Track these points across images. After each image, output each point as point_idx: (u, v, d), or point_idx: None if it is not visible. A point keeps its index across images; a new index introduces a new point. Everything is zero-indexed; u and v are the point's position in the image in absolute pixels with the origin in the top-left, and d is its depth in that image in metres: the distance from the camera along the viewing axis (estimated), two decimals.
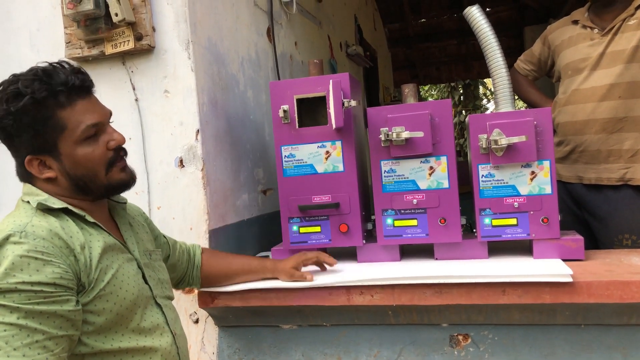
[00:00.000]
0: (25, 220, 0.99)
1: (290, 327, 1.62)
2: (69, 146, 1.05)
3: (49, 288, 0.93)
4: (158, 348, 1.10)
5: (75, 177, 1.06)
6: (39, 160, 1.05)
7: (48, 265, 0.94)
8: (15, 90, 1.01)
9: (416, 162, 1.60)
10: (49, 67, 1.05)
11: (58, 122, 1.03)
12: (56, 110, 1.03)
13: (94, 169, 1.08)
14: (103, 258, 1.05)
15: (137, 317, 1.08)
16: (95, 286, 1.01)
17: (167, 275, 1.28)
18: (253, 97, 2.09)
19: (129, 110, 1.71)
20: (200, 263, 1.47)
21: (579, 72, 1.94)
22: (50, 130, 1.03)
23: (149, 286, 1.15)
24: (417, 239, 1.61)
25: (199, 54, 1.69)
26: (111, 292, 1.03)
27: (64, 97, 1.03)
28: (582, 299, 1.33)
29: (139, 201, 1.68)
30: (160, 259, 1.28)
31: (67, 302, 0.95)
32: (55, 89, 1.02)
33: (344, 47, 3.88)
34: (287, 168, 1.67)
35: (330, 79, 1.57)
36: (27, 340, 0.89)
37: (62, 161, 1.05)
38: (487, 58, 1.63)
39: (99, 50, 1.68)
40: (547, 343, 1.44)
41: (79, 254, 1.00)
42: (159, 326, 1.13)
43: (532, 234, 1.54)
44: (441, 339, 1.51)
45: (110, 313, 1.02)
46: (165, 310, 1.17)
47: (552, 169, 1.53)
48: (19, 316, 0.90)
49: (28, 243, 0.94)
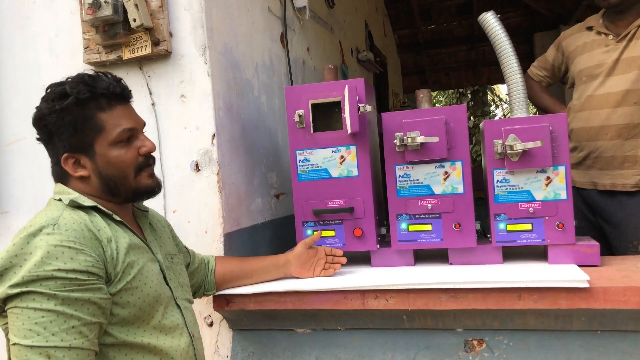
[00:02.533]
0: (57, 214, 1.04)
1: (305, 330, 1.63)
2: (104, 147, 1.11)
3: (83, 276, 0.97)
4: (177, 348, 1.12)
5: (106, 176, 1.12)
6: (74, 159, 1.11)
7: (81, 254, 0.98)
8: (61, 90, 1.09)
9: (431, 167, 1.60)
10: (94, 74, 1.13)
11: (97, 123, 1.10)
12: (96, 112, 1.10)
13: (124, 170, 1.13)
14: (129, 253, 1.09)
15: (159, 315, 1.11)
16: (121, 279, 1.05)
17: (188, 279, 1.31)
18: (267, 102, 2.10)
19: (146, 115, 1.72)
20: (214, 268, 1.50)
21: (594, 78, 1.94)
22: (89, 130, 1.10)
23: (169, 287, 1.18)
24: (432, 244, 1.62)
25: (215, 59, 1.70)
26: (136, 287, 1.07)
27: (104, 101, 1.11)
28: (599, 304, 1.32)
29: (155, 205, 1.70)
30: (181, 263, 1.31)
31: (100, 290, 0.99)
32: (98, 93, 1.10)
33: (355, 52, 3.90)
34: (301, 172, 1.68)
35: (345, 84, 1.58)
36: (65, 326, 0.93)
37: (96, 161, 1.11)
38: (502, 64, 1.64)
39: (117, 55, 1.71)
40: (562, 349, 1.43)
41: (106, 246, 1.05)
42: (179, 326, 1.15)
43: (547, 240, 1.54)
44: (456, 344, 1.51)
45: (134, 307, 1.06)
46: (184, 312, 1.20)
47: (567, 175, 1.53)
48: (56, 303, 0.94)
49: (61, 234, 0.99)
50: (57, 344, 0.92)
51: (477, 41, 6.97)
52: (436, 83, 8.26)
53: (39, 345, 0.91)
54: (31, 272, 0.94)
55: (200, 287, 1.49)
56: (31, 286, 0.93)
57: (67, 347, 0.92)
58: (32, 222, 1.03)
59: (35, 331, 0.92)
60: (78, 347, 0.94)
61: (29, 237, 0.98)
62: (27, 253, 0.96)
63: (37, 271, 0.94)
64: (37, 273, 0.94)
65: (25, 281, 0.93)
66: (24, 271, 0.94)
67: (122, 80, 1.17)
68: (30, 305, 0.93)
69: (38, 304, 0.93)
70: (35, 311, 0.93)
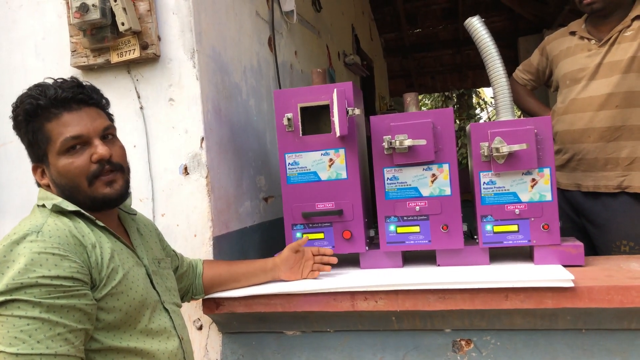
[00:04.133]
0: (41, 221, 1.04)
1: (294, 333, 1.63)
2: (54, 157, 1.10)
3: (68, 282, 0.96)
4: (164, 351, 1.12)
5: (60, 186, 1.12)
6: (40, 169, 1.14)
7: (65, 260, 0.98)
8: (14, 105, 1.12)
9: (419, 169, 1.62)
10: (45, 83, 1.12)
11: (45, 134, 1.10)
12: (44, 123, 1.09)
13: (73, 180, 1.10)
14: (114, 258, 1.08)
15: (145, 319, 1.11)
16: (107, 284, 1.04)
17: (175, 283, 1.31)
18: (255, 106, 2.11)
19: (134, 118, 1.73)
20: (202, 272, 1.51)
21: (577, 82, 1.98)
22: (40, 142, 1.10)
23: (157, 291, 1.18)
24: (420, 246, 1.63)
25: (203, 62, 1.71)
26: (122, 292, 1.06)
27: (51, 110, 1.09)
28: (584, 303, 1.35)
29: (144, 208, 1.70)
30: (169, 268, 1.31)
31: (85, 296, 0.99)
32: (43, 103, 1.09)
33: (342, 56, 3.92)
34: (290, 175, 1.69)
35: (334, 88, 1.59)
36: (50, 333, 0.93)
37: (51, 171, 1.12)
38: (488, 67, 1.66)
39: (105, 59, 1.70)
40: (548, 348, 1.46)
41: (91, 252, 1.04)
42: (166, 330, 1.15)
43: (533, 240, 1.57)
44: (444, 345, 1.53)
45: (119, 312, 1.05)
46: (172, 315, 1.20)
47: (552, 177, 1.56)
48: (41, 310, 0.93)
49: (44, 241, 0.98)
50: (42, 351, 0.91)
51: (462, 45, 7.04)
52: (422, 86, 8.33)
53: (24, 353, 0.90)
54: (15, 280, 0.93)
55: (189, 291, 1.49)
56: (15, 294, 0.92)
57: (52, 355, 0.92)
58: (15, 230, 1.02)
59: (21, 339, 0.91)
60: (64, 354, 0.93)
61: (12, 244, 0.97)
62: (10, 261, 0.95)
63: (21, 279, 0.93)
64: (21, 281, 0.93)
65: (9, 289, 0.92)
66: (8, 279, 0.93)
67: (83, 84, 1.14)
68: (15, 313, 0.92)
69: (23, 311, 0.92)
70: (20, 319, 0.92)
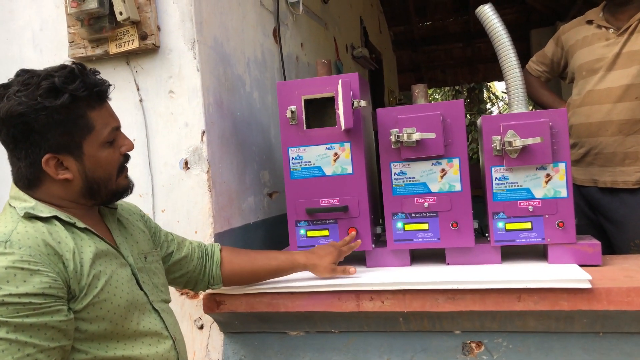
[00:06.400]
0: (10, 228, 0.95)
1: (298, 333, 1.58)
2: (94, 147, 1.04)
3: (38, 299, 0.89)
4: (155, 356, 1.06)
5: (92, 178, 1.05)
6: (56, 160, 1.02)
7: (36, 275, 0.90)
8: (51, 85, 0.98)
9: (427, 164, 1.55)
10: (81, 68, 1.04)
11: (87, 122, 1.03)
12: (87, 111, 1.03)
13: (111, 172, 1.08)
14: (95, 264, 1.01)
15: (134, 324, 1.04)
16: (87, 293, 0.97)
17: (164, 277, 1.24)
18: (259, 99, 2.05)
19: (133, 111, 1.68)
20: (220, 260, 1.40)
21: (594, 73, 1.90)
22: (79, 130, 1.02)
23: (144, 292, 1.11)
24: (428, 244, 1.57)
25: (204, 53, 1.65)
26: (105, 300, 1.00)
27: (94, 99, 1.04)
28: (602, 305, 1.28)
29: (143, 204, 1.65)
30: (157, 260, 1.23)
31: (58, 312, 0.91)
32: (92, 90, 1.03)
33: (350, 49, 3.85)
34: (294, 170, 1.63)
35: (339, 79, 1.53)
36: (18, 355, 0.86)
37: (84, 162, 1.04)
38: (500, 58, 1.59)
39: (103, 50, 1.65)
40: (563, 352, 1.39)
41: (68, 261, 0.96)
42: (157, 332, 1.09)
43: (547, 239, 1.50)
44: (453, 347, 1.47)
45: (103, 321, 0.99)
46: (163, 315, 1.13)
47: (567, 172, 1.48)
48: (8, 330, 0.86)
49: (13, 253, 0.90)
50: None
51: (473, 38, 6.93)
52: (432, 80, 8.22)
53: None
54: None
55: (201, 280, 1.38)
56: None
57: None
58: None
59: None
60: None
61: None
62: None
63: None
64: None
65: None
66: None
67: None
68: None
69: None
70: None
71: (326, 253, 1.46)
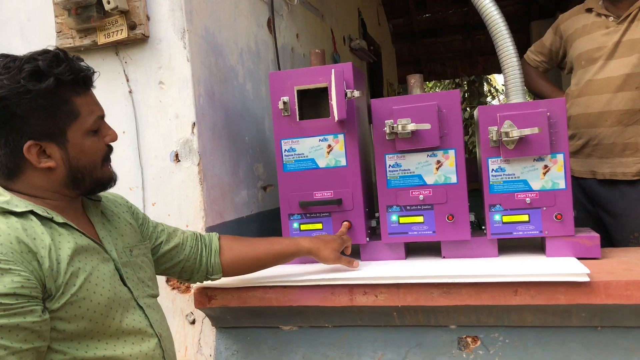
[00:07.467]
0: None
1: (291, 328, 1.55)
2: (79, 135, 1.01)
3: (9, 299, 0.84)
4: (138, 355, 1.02)
5: (76, 167, 1.02)
6: (39, 147, 0.98)
7: (7, 275, 0.85)
8: (34, 68, 0.94)
9: (423, 155, 1.52)
10: (65, 52, 1.00)
11: (73, 108, 1.00)
12: (72, 96, 1.00)
13: (95, 161, 1.05)
14: (74, 260, 0.96)
15: (116, 322, 1.00)
16: (65, 292, 0.93)
17: (152, 271, 1.19)
18: (252, 90, 2.01)
19: (123, 103, 1.64)
20: (219, 248, 1.35)
21: (593, 62, 1.86)
22: (63, 116, 0.99)
23: (128, 288, 1.07)
24: (424, 237, 1.54)
25: (195, 43, 1.62)
26: (84, 298, 0.95)
27: (80, 84, 1.01)
28: (600, 299, 1.25)
29: (134, 197, 1.62)
30: (145, 254, 1.18)
31: (31, 312, 0.87)
32: (78, 74, 0.99)
33: (347, 41, 3.80)
34: (287, 162, 1.60)
35: (332, 69, 1.49)
36: None
37: (68, 150, 1.00)
38: (497, 47, 1.55)
39: (91, 40, 1.62)
40: (561, 346, 1.36)
41: (44, 258, 0.92)
42: (141, 330, 1.05)
43: (545, 231, 1.47)
44: (449, 342, 1.44)
45: (82, 320, 0.95)
46: (148, 312, 1.09)
47: (566, 163, 1.45)
48: None
49: None
50: None
51: (472, 30, 6.87)
52: (432, 73, 8.16)
53: None
54: None
55: (198, 270, 1.33)
56: None
57: None
58: None
59: None
60: None
61: None
62: None
63: None
64: None
65: None
66: None
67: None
68: None
69: None
70: None
71: (331, 239, 1.42)
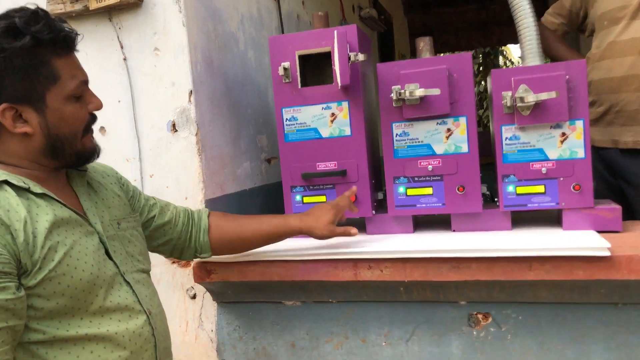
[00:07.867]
0: None
1: (294, 303, 1.50)
2: (58, 100, 0.94)
3: None
4: (125, 333, 0.96)
5: (55, 135, 0.95)
6: (14, 111, 0.91)
7: None
8: (10, 25, 0.88)
9: (432, 123, 1.43)
10: (45, 11, 0.93)
11: (52, 71, 0.93)
12: (51, 58, 0.93)
13: (77, 129, 0.98)
14: (52, 234, 0.90)
15: (99, 299, 0.94)
16: (42, 267, 0.87)
17: (142, 245, 1.13)
18: (255, 58, 1.93)
19: (117, 71, 1.57)
20: (208, 226, 1.29)
21: (616, 22, 1.74)
22: (42, 78, 0.92)
23: (113, 262, 1.01)
24: (433, 209, 1.46)
25: (191, 7, 1.53)
26: (63, 273, 0.89)
27: (60, 45, 0.94)
28: (621, 275, 1.17)
29: (130, 169, 1.56)
30: (134, 227, 1.12)
31: (4, 289, 0.82)
32: (58, 35, 0.92)
33: (357, 10, 3.67)
34: (288, 132, 1.52)
35: (334, 31, 1.40)
36: None
37: (46, 116, 0.93)
38: (512, 6, 1.44)
39: (83, 5, 1.54)
40: (577, 324, 1.29)
41: (18, 231, 0.86)
42: (128, 307, 0.99)
43: (562, 203, 1.38)
44: (459, 318, 1.38)
45: (62, 297, 0.89)
46: (136, 287, 1.02)
47: (585, 130, 1.36)
48: None
49: None
50: None
51: None
52: (445, 44, 7.94)
53: None
54: None
55: (187, 247, 1.27)
56: None
57: None
58: None
59: None
60: None
61: None
62: None
63: None
64: None
65: None
66: None
67: None
68: None
69: None
70: None
71: (323, 212, 1.31)
